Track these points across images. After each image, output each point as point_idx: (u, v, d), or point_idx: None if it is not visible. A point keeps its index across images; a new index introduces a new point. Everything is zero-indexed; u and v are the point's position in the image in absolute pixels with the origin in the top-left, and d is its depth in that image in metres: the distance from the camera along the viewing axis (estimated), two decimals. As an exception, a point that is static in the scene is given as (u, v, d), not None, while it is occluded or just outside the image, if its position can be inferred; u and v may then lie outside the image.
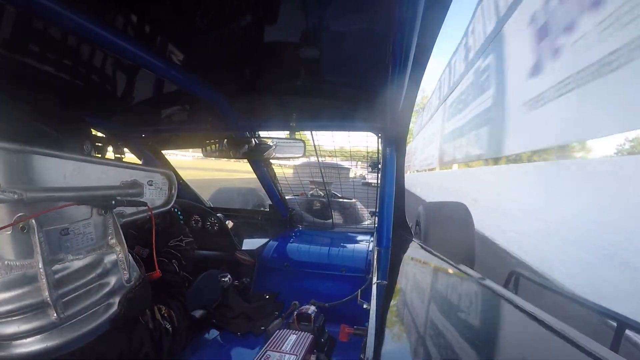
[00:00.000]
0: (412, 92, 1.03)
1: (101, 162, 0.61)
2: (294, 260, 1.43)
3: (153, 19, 0.69)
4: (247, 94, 1.14)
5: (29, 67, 0.74)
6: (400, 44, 0.59)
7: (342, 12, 0.68)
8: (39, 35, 0.65)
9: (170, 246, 0.96)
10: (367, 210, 2.21)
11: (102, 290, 0.57)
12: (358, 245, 1.56)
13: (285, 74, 1.00)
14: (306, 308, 0.92)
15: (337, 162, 2.55)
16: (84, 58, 0.78)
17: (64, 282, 0.51)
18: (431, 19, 0.63)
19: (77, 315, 0.52)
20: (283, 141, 1.35)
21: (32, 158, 0.47)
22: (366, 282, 1.18)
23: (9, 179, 0.45)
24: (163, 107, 1.30)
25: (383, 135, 1.30)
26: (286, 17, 0.70)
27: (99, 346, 0.55)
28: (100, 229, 0.59)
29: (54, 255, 0.50)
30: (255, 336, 1.11)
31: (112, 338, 0.57)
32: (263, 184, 1.72)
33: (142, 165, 0.74)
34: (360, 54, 0.85)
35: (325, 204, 1.97)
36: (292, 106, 1.21)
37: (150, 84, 1.05)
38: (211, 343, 1.08)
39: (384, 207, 1.31)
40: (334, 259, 1.42)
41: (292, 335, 0.76)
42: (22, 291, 0.47)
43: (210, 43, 0.80)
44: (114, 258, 0.60)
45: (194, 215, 1.55)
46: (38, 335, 0.48)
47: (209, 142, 1.37)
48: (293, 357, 0.67)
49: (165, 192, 0.79)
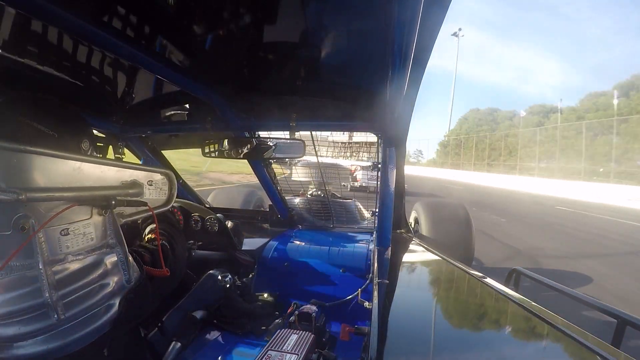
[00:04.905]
0: (412, 92, 1.03)
1: (101, 162, 0.61)
2: (294, 260, 1.43)
3: (152, 19, 0.69)
4: (247, 94, 1.14)
5: (28, 67, 0.74)
6: (400, 44, 0.59)
7: (342, 12, 0.68)
8: (39, 36, 0.65)
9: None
10: (368, 210, 2.21)
11: (102, 291, 0.57)
12: (358, 244, 1.56)
13: (285, 73, 1.00)
14: (307, 307, 0.92)
15: (336, 162, 2.55)
16: (84, 58, 0.78)
17: (65, 283, 0.51)
18: (431, 19, 0.63)
19: (77, 317, 0.52)
20: (283, 141, 1.35)
21: (32, 158, 0.47)
22: (366, 281, 1.18)
23: (8, 179, 0.45)
24: (163, 107, 1.30)
25: (383, 135, 1.30)
26: (286, 17, 0.70)
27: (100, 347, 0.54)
28: (100, 229, 0.59)
29: (54, 255, 0.50)
30: (256, 336, 1.11)
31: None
32: (263, 184, 1.72)
33: (142, 165, 0.74)
34: (360, 53, 0.85)
35: (325, 204, 1.96)
36: (291, 106, 1.21)
37: (149, 84, 1.05)
38: (212, 343, 1.08)
39: (384, 206, 1.31)
40: (334, 258, 1.42)
41: (293, 334, 0.76)
42: (23, 292, 0.46)
43: (210, 43, 0.80)
44: (114, 258, 0.60)
45: (193, 215, 1.55)
46: (39, 337, 0.48)
47: (209, 142, 1.37)
48: (294, 356, 0.67)
49: (165, 192, 0.79)
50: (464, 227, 2.29)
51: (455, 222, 2.29)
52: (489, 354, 0.64)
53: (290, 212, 1.88)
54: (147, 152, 1.64)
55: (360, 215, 2.20)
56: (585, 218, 7.70)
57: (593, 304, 0.83)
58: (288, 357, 0.67)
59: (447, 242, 2.14)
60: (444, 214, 2.34)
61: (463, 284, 1.09)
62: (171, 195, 0.80)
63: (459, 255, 1.96)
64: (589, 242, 5.17)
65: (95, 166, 0.59)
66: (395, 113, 1.05)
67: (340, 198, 2.42)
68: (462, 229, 2.28)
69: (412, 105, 1.16)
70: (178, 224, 0.99)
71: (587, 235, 5.67)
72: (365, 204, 2.28)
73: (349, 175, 5.52)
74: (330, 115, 1.26)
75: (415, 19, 0.51)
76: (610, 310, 0.78)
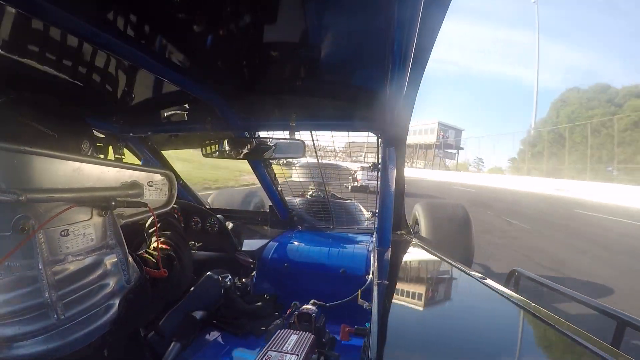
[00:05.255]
0: (411, 92, 1.03)
1: (101, 163, 0.61)
2: (294, 260, 1.43)
3: (152, 19, 0.69)
4: (247, 94, 1.14)
5: (28, 67, 0.74)
6: (399, 44, 0.60)
7: (342, 11, 0.68)
8: (39, 36, 0.65)
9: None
10: (368, 210, 2.21)
11: (102, 292, 0.57)
12: (358, 245, 1.56)
13: (285, 73, 1.00)
14: (307, 308, 0.92)
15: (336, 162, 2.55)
16: (84, 58, 0.78)
17: (64, 283, 0.51)
18: (430, 19, 0.63)
19: (77, 317, 0.52)
20: (283, 141, 1.35)
21: (32, 159, 0.47)
22: (366, 282, 1.18)
23: (8, 180, 0.45)
24: (163, 107, 1.30)
25: (383, 135, 1.30)
26: (285, 17, 0.70)
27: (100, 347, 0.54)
28: (100, 229, 0.59)
29: (54, 256, 0.50)
30: (256, 337, 1.11)
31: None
32: (263, 185, 1.72)
33: (142, 166, 0.74)
34: (360, 53, 0.85)
35: (325, 205, 1.96)
36: (291, 106, 1.21)
37: (149, 84, 1.05)
38: (212, 344, 1.08)
39: (384, 207, 1.31)
40: (334, 259, 1.42)
41: (293, 335, 0.75)
42: (23, 293, 0.46)
43: (210, 43, 0.80)
44: (114, 259, 0.60)
45: (193, 216, 1.55)
46: (39, 337, 0.48)
47: (209, 142, 1.37)
48: (294, 357, 0.67)
49: (166, 192, 0.79)
50: (463, 227, 2.31)
51: (455, 223, 2.31)
52: (489, 355, 0.64)
53: (290, 213, 1.88)
54: (147, 152, 1.64)
55: (360, 216, 2.20)
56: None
57: (593, 305, 0.83)
58: (288, 358, 0.66)
59: (447, 243, 2.15)
60: (443, 214, 2.36)
61: (463, 285, 1.09)
62: (171, 196, 0.80)
63: (459, 256, 1.97)
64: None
65: (95, 167, 0.59)
66: (395, 113, 1.05)
67: (340, 199, 2.42)
68: (462, 229, 2.30)
69: (412, 105, 1.16)
70: (184, 233, 0.99)
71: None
72: (366, 205, 2.28)
73: (349, 176, 5.51)
74: (330, 115, 1.26)
75: (415, 19, 0.51)
76: (610, 312, 0.78)
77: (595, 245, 4.98)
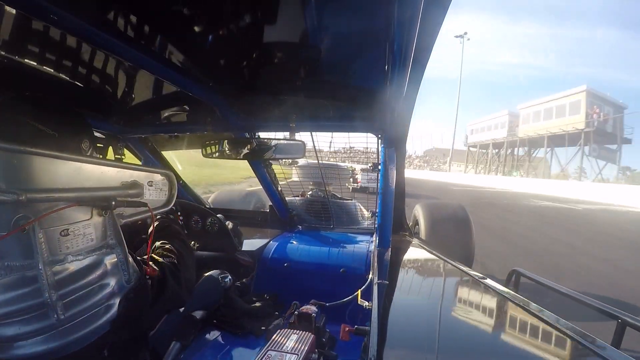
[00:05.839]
0: (412, 92, 1.03)
1: (101, 163, 0.61)
2: (294, 260, 1.43)
3: (152, 19, 0.69)
4: (247, 95, 1.14)
5: (28, 67, 0.74)
6: (399, 44, 0.60)
7: (342, 12, 0.68)
8: (39, 36, 0.65)
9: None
10: (368, 210, 2.21)
11: (102, 292, 0.57)
12: (358, 245, 1.56)
13: (284, 74, 1.00)
14: (307, 308, 0.92)
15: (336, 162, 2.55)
16: (84, 59, 0.78)
17: (64, 283, 0.51)
18: (430, 19, 0.63)
19: (77, 317, 0.52)
20: (283, 142, 1.35)
21: (32, 159, 0.47)
22: (366, 282, 1.18)
23: (8, 180, 0.45)
24: (163, 107, 1.30)
25: (383, 136, 1.30)
26: (285, 17, 0.70)
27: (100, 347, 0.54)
28: (100, 229, 0.59)
29: (54, 256, 0.50)
30: (256, 336, 1.11)
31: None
32: (263, 185, 1.72)
33: (142, 166, 0.74)
34: (359, 54, 0.85)
35: (325, 205, 1.96)
36: (291, 106, 1.21)
37: (150, 84, 1.05)
38: (212, 344, 1.08)
39: (384, 207, 1.31)
40: (334, 259, 1.42)
41: (293, 334, 0.75)
42: (23, 292, 0.46)
43: (210, 43, 0.80)
44: (114, 259, 0.60)
45: (194, 216, 1.55)
46: (39, 337, 0.48)
47: (209, 142, 1.37)
48: (294, 356, 0.67)
49: (166, 192, 0.79)
50: (463, 227, 2.32)
51: (455, 223, 2.32)
52: (489, 355, 0.64)
53: (291, 212, 1.88)
54: (147, 152, 1.64)
55: (361, 216, 2.20)
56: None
57: (593, 305, 0.83)
58: (288, 357, 0.66)
59: (447, 243, 2.16)
60: (443, 214, 2.36)
61: (463, 285, 1.10)
62: (171, 196, 0.80)
63: (459, 256, 1.97)
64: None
65: (95, 166, 0.59)
66: (395, 113, 1.05)
67: (341, 199, 2.42)
68: (462, 229, 2.31)
69: (412, 106, 1.16)
70: (188, 242, 0.98)
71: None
72: (366, 205, 2.28)
73: (349, 176, 5.50)
74: (330, 115, 1.26)
75: (415, 19, 0.51)
76: (610, 312, 0.78)
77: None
